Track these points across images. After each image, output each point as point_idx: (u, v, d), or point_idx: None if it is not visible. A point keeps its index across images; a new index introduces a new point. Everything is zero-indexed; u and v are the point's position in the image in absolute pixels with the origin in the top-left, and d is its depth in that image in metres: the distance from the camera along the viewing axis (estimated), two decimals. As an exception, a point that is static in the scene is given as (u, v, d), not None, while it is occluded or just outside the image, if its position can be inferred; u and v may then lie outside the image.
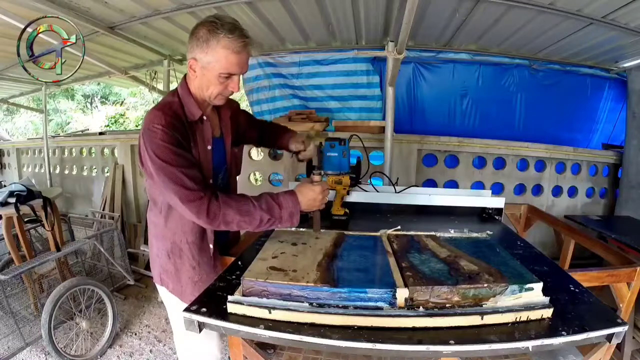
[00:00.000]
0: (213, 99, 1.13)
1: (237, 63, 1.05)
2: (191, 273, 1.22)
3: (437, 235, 1.13)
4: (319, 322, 0.73)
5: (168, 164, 1.00)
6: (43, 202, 2.28)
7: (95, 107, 12.36)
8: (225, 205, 1.00)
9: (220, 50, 1.02)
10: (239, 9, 2.68)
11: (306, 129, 3.35)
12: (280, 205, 1.04)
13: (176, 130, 1.04)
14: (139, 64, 4.19)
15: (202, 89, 1.11)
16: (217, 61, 1.04)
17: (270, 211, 1.02)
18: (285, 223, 1.06)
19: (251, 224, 1.03)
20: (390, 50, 2.53)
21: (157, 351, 2.25)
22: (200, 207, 0.99)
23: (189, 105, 1.13)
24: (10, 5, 2.32)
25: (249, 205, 1.02)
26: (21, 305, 2.23)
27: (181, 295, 1.25)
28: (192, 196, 0.99)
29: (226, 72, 1.06)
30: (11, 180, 4.41)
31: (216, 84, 1.08)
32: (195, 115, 1.13)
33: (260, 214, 1.01)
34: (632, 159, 3.16)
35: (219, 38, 1.01)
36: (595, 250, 1.74)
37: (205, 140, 1.16)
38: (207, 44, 1.02)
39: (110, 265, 2.83)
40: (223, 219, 1.00)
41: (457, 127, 3.72)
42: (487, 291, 0.77)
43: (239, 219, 1.01)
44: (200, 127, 1.15)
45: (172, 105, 1.10)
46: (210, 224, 1.01)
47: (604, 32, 2.68)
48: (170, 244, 1.21)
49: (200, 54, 1.05)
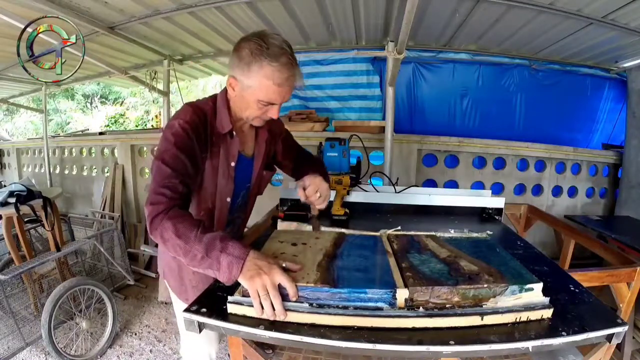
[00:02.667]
0: (251, 120, 1.07)
1: (279, 93, 0.98)
2: (191, 276, 1.21)
3: (437, 235, 1.12)
4: (319, 323, 0.73)
5: (160, 160, 0.94)
6: (43, 202, 2.28)
7: (95, 107, 12.36)
8: (168, 220, 0.86)
9: (262, 79, 0.95)
10: (239, 8, 2.68)
11: (306, 129, 3.35)
12: (222, 249, 0.80)
13: (195, 132, 0.99)
14: (139, 64, 4.19)
15: (241, 109, 1.05)
16: (257, 88, 0.97)
17: (208, 249, 0.81)
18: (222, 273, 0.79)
19: (185, 253, 0.83)
20: (390, 50, 2.54)
21: (157, 351, 2.25)
22: (151, 212, 0.88)
23: (221, 115, 1.07)
24: (10, 5, 2.32)
25: (191, 232, 0.83)
26: (21, 305, 2.23)
27: (180, 294, 1.25)
28: (154, 199, 0.89)
29: (266, 101, 0.99)
30: (11, 180, 4.41)
31: (254, 109, 1.02)
32: (225, 128, 1.07)
33: (195, 247, 0.82)
34: (632, 159, 3.17)
35: (262, 65, 0.93)
36: (595, 250, 1.74)
37: (230, 155, 1.09)
38: (249, 68, 0.94)
39: (110, 265, 2.83)
40: (161, 234, 0.86)
41: (457, 127, 3.72)
42: (487, 291, 0.77)
43: (174, 241, 0.84)
44: (227, 141, 1.09)
45: (204, 109, 1.05)
46: (151, 233, 0.89)
47: (604, 32, 2.69)
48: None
49: (241, 76, 0.97)
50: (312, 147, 3.20)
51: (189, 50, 3.77)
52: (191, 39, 3.35)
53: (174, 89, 4.14)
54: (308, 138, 3.27)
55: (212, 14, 2.76)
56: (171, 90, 4.10)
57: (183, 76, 4.95)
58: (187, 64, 4.17)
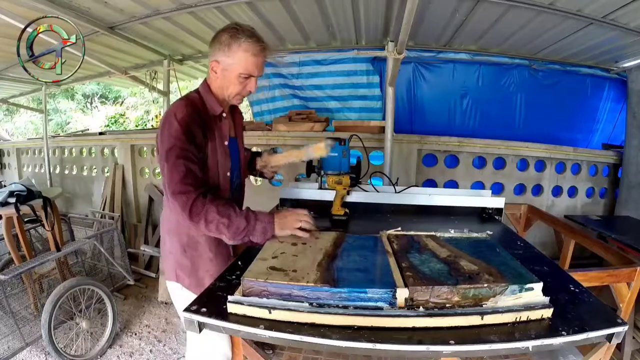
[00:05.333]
0: (232, 98, 1.23)
1: (256, 65, 1.16)
2: (208, 266, 1.24)
3: (437, 235, 1.13)
4: (319, 322, 0.73)
5: (173, 155, 1.06)
6: (43, 202, 2.28)
7: (95, 107, 12.35)
8: (210, 204, 1.05)
9: (241, 53, 1.14)
10: (239, 8, 2.68)
11: (306, 129, 3.35)
12: (256, 218, 1.08)
13: (194, 123, 1.12)
14: (139, 64, 4.19)
15: (223, 88, 1.20)
16: (237, 63, 1.15)
17: (247, 219, 1.06)
18: (258, 236, 1.07)
19: (229, 227, 1.05)
20: (390, 50, 2.54)
21: (157, 351, 2.25)
22: (186, 201, 1.03)
23: (210, 101, 1.22)
24: (10, 5, 2.32)
25: (230, 210, 1.06)
26: (21, 305, 2.23)
27: (197, 289, 1.24)
28: (183, 189, 1.04)
29: (246, 72, 1.16)
30: (11, 180, 4.41)
31: (236, 84, 1.18)
32: (217, 111, 1.22)
33: (238, 220, 1.05)
34: (632, 159, 3.16)
35: (240, 42, 1.13)
36: (595, 250, 1.74)
37: (223, 135, 1.24)
38: (229, 48, 1.13)
39: (110, 265, 2.83)
40: (205, 216, 1.04)
41: (457, 127, 3.72)
42: (487, 291, 0.77)
43: (218, 220, 1.04)
44: (219, 123, 1.23)
45: (194, 100, 1.20)
46: (191, 219, 1.04)
47: (604, 32, 2.68)
48: (186, 238, 1.24)
49: (222, 57, 1.15)
50: (312, 147, 3.20)
51: (189, 50, 3.77)
52: (191, 39, 3.35)
53: (174, 89, 4.14)
54: (308, 138, 3.27)
55: (212, 14, 2.76)
56: (171, 90, 4.10)
57: (183, 76, 4.95)
58: (187, 64, 4.17)
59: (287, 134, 3.36)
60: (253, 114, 4.41)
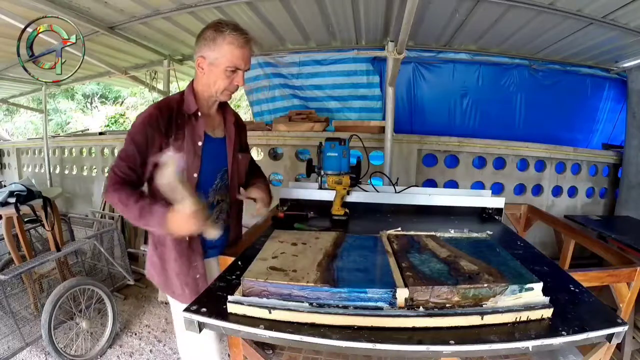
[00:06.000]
0: (220, 94, 1.21)
1: (242, 57, 1.16)
2: (173, 265, 1.24)
3: (437, 235, 1.13)
4: (319, 322, 0.73)
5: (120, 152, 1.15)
6: (43, 202, 2.27)
7: (95, 107, 12.35)
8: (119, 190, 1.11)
9: (226, 46, 1.13)
10: (239, 8, 2.68)
11: (306, 129, 3.35)
12: (150, 212, 1.09)
13: (153, 124, 1.14)
14: (139, 64, 4.19)
15: (210, 85, 1.20)
16: (223, 56, 1.14)
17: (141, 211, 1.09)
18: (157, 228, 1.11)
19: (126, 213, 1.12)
20: (390, 50, 2.54)
21: (157, 351, 2.25)
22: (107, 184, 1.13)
23: (188, 100, 1.22)
24: (10, 5, 2.32)
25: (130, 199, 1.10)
26: (21, 305, 2.23)
27: (165, 287, 1.28)
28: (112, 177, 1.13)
29: (232, 65, 1.16)
30: (11, 180, 4.41)
31: (223, 79, 1.18)
32: (191, 109, 1.21)
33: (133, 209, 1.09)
34: (632, 159, 3.16)
35: (225, 35, 1.13)
36: (595, 250, 1.74)
37: (195, 135, 1.22)
38: (214, 42, 1.14)
39: (110, 265, 2.83)
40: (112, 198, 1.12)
41: (457, 127, 3.72)
42: (487, 291, 0.77)
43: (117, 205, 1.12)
44: (193, 122, 1.22)
45: (170, 101, 1.22)
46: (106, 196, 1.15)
47: (604, 32, 2.68)
48: (156, 236, 1.26)
49: (208, 52, 1.15)
50: (312, 147, 3.20)
51: (189, 50, 3.77)
52: (191, 39, 3.32)
53: (174, 89, 4.14)
54: (308, 138, 3.27)
55: (212, 14, 2.76)
56: (171, 90, 4.10)
57: (183, 76, 4.94)
58: (187, 64, 4.17)
59: (287, 134, 3.36)
60: (253, 114, 4.41)
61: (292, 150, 3.42)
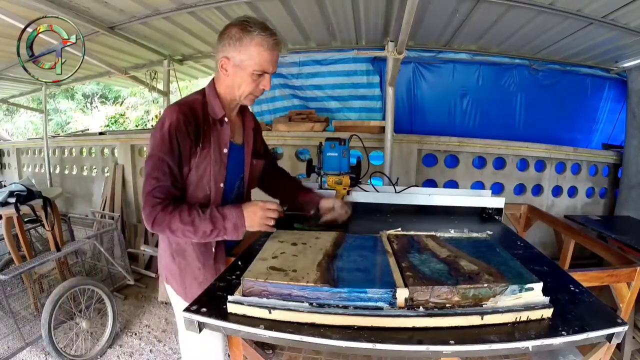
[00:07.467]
0: (244, 98, 1.14)
1: (270, 60, 1.08)
2: (197, 274, 1.21)
3: (437, 235, 1.13)
4: (319, 322, 0.73)
5: (150, 163, 1.05)
6: (43, 202, 2.27)
7: (95, 107, 12.35)
8: (172, 213, 1.03)
9: (254, 47, 1.05)
10: (239, 8, 2.68)
11: (306, 129, 3.35)
12: (224, 217, 1.04)
13: (182, 131, 1.05)
14: (139, 64, 4.19)
15: (234, 87, 1.12)
16: (250, 59, 1.06)
17: (214, 222, 1.04)
18: (231, 234, 1.06)
19: (195, 233, 1.04)
20: (390, 50, 2.54)
21: (157, 351, 2.25)
22: (149, 214, 1.02)
23: (213, 104, 1.14)
24: (10, 5, 2.32)
25: (194, 216, 1.03)
26: (21, 305, 2.23)
27: (185, 296, 1.24)
28: (149, 201, 1.03)
29: (260, 69, 1.08)
30: (11, 180, 4.40)
31: (248, 82, 1.10)
32: (218, 115, 1.14)
33: (203, 225, 1.03)
34: (632, 159, 3.16)
35: (253, 36, 1.04)
36: (595, 250, 1.74)
37: (222, 142, 1.15)
38: (240, 42, 1.05)
39: (110, 265, 2.83)
40: (168, 226, 1.03)
41: (457, 127, 3.72)
42: (487, 291, 0.77)
43: (183, 228, 1.03)
44: (219, 128, 1.15)
45: (194, 103, 1.12)
46: (153, 229, 1.04)
47: (604, 32, 2.68)
48: (175, 245, 1.21)
49: (233, 52, 1.06)
50: (312, 147, 3.20)
51: (189, 50, 3.77)
52: (191, 39, 3.35)
53: (174, 89, 4.14)
54: (308, 138, 3.27)
55: (212, 14, 2.76)
56: (171, 90, 4.10)
57: (183, 76, 4.95)
58: (187, 64, 4.17)
59: (287, 134, 3.36)
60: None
61: (292, 150, 3.42)
